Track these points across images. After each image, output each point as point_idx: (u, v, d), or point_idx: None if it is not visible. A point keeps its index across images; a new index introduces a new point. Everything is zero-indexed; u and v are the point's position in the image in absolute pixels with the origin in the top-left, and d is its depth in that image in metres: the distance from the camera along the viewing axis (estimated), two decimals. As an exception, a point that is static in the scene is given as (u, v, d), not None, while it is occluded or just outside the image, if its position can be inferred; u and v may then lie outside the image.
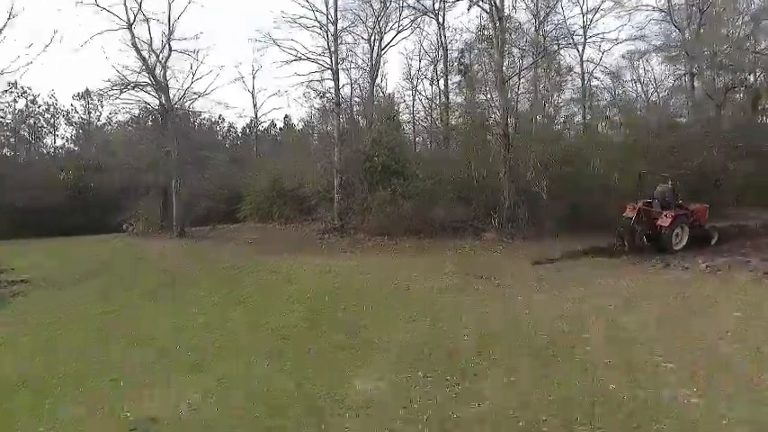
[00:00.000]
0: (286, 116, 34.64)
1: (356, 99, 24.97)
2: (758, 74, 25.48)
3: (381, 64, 24.11)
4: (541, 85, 21.79)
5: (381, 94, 25.63)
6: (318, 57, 18.01)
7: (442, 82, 25.15)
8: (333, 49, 17.97)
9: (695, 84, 21.81)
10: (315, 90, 19.14)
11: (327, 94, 18.89)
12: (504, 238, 14.92)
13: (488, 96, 18.19)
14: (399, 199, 17.06)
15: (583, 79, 24.05)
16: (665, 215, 12.52)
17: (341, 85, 18.57)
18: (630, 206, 13.01)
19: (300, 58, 17.69)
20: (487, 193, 16.54)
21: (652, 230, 12.79)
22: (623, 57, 24.05)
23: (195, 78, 19.07)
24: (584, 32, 24.03)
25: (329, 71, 18.08)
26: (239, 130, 35.94)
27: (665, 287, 9.22)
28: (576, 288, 9.21)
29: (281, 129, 35.17)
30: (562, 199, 15.07)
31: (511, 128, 16.31)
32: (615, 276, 10.19)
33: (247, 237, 18.06)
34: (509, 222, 15.51)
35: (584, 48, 23.71)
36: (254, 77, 29.67)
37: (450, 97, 24.26)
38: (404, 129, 25.27)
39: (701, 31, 20.73)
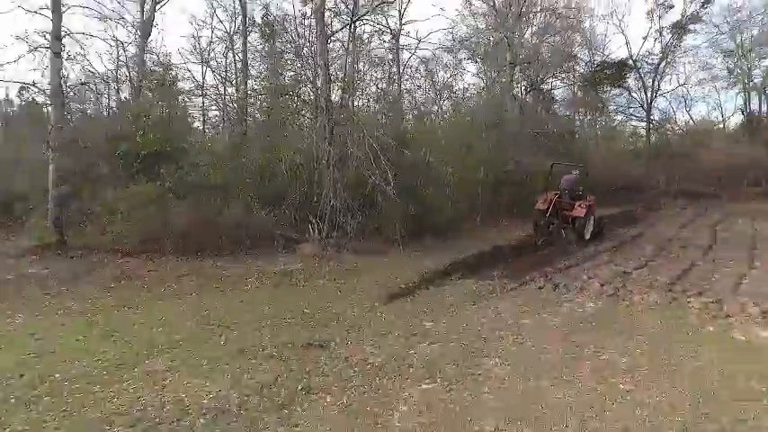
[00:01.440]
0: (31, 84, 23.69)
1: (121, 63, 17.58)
2: (548, 76, 27.32)
3: (157, 21, 17.09)
4: (360, 62, 18.27)
5: (156, 57, 18.54)
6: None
7: (240, 50, 19.85)
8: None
9: (514, 76, 21.19)
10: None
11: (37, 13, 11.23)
12: (329, 253, 10.42)
13: (302, 57, 13.44)
14: (170, 197, 11.03)
15: (398, 66, 22.10)
16: (580, 206, 12.43)
17: (64, 9, 11.26)
18: (542, 198, 12.65)
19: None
20: (302, 187, 11.79)
21: (564, 222, 12.57)
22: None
23: None
24: (400, 17, 22.12)
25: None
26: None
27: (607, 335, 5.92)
28: (495, 362, 4.93)
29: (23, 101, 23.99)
30: (402, 196, 11.24)
31: (335, 98, 11.89)
32: (515, 316, 6.61)
33: None
34: (334, 229, 11.10)
35: (399, 33, 21.85)
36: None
37: (249, 65, 19.01)
38: (187, 106, 18.85)
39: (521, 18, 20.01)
